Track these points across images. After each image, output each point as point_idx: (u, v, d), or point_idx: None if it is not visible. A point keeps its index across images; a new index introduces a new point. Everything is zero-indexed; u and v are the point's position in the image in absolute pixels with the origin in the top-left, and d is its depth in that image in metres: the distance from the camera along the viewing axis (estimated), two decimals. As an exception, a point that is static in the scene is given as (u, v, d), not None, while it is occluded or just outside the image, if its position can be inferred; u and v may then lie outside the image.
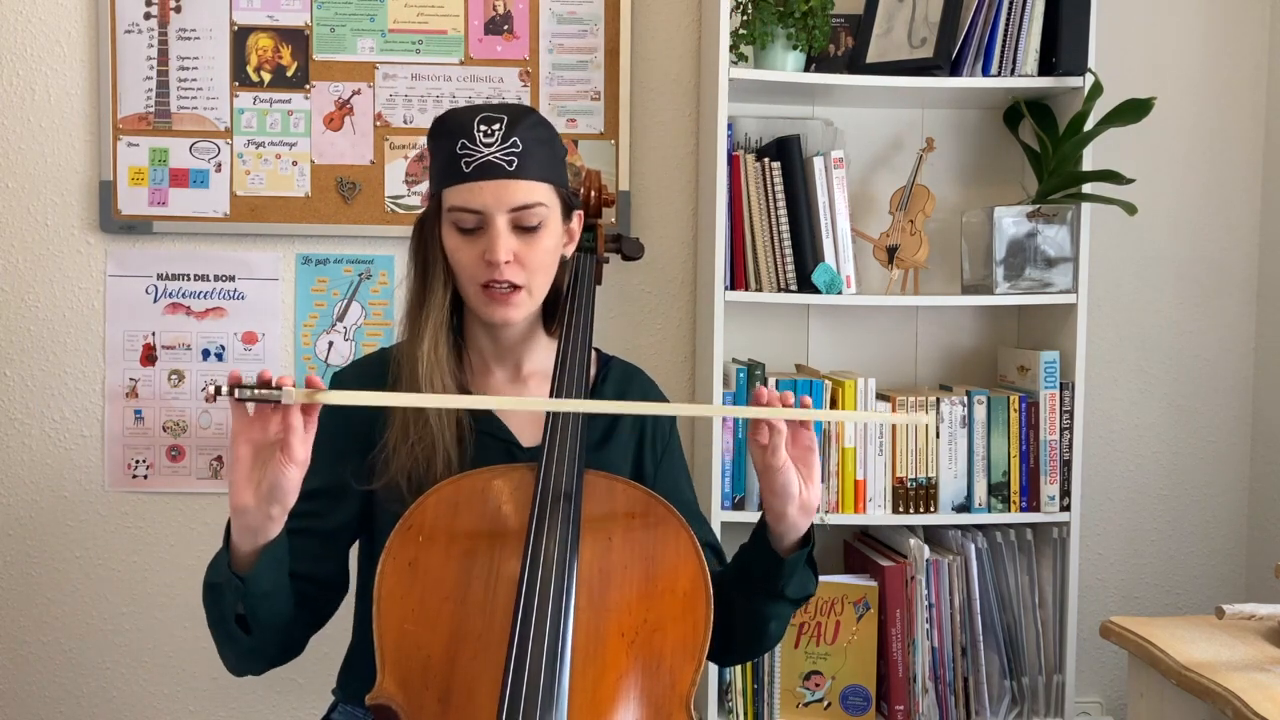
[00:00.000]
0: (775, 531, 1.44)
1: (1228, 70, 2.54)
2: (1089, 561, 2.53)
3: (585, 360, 1.52)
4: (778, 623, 1.52)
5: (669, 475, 1.61)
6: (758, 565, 1.46)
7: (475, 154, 1.43)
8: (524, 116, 1.46)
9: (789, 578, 1.45)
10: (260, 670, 1.45)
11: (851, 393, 2.23)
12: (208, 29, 2.38)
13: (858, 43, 2.34)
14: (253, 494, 1.28)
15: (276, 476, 1.26)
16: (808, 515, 1.42)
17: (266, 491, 1.27)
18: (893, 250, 2.33)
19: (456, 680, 1.27)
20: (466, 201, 1.44)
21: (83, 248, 2.41)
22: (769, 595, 1.46)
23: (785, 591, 1.46)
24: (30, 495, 2.43)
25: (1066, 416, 2.28)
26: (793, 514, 1.40)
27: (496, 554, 1.34)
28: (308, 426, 1.27)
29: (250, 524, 1.30)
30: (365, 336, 2.44)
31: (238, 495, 1.28)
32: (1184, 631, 1.75)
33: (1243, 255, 2.56)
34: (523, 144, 1.44)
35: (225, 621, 1.36)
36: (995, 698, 2.28)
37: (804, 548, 1.46)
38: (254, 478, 1.28)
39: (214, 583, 1.35)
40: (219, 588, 1.34)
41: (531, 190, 1.45)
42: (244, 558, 1.33)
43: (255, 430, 1.27)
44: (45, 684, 2.45)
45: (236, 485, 1.28)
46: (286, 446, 1.25)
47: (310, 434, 1.28)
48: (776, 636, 1.54)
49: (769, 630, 1.51)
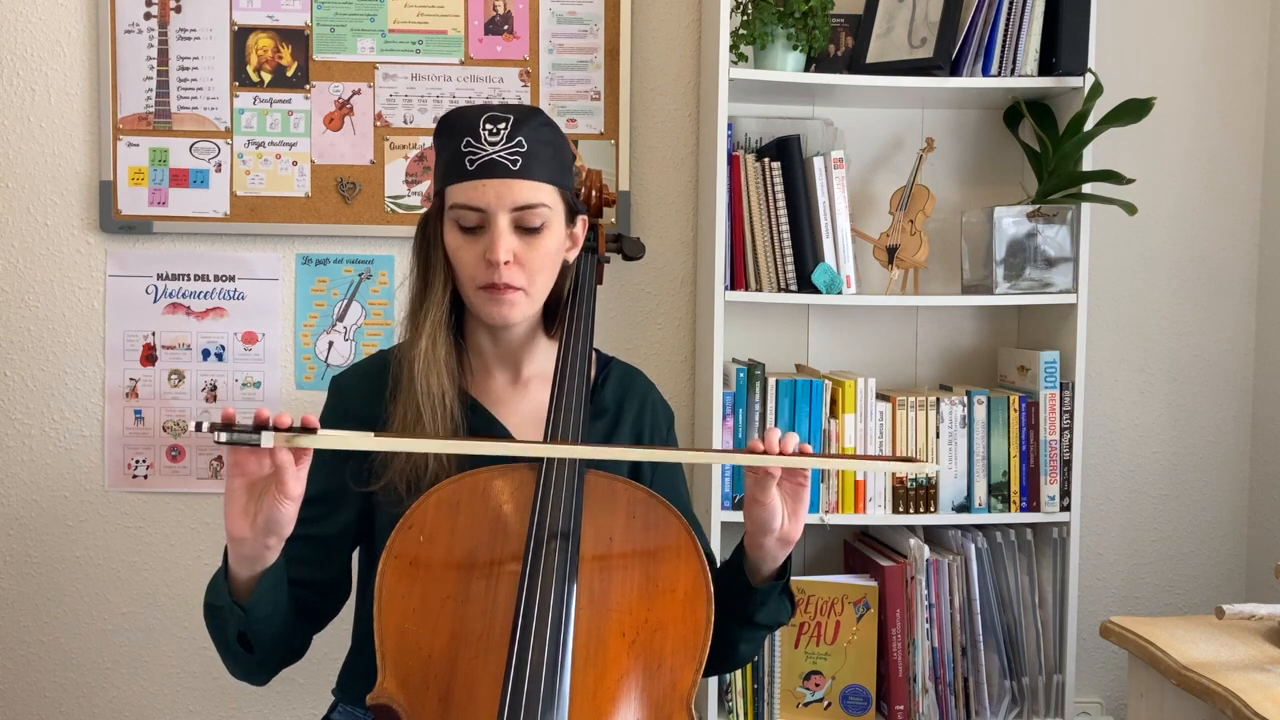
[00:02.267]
0: (752, 558, 1.44)
1: (1228, 70, 2.54)
2: (1089, 561, 2.53)
3: (587, 364, 1.51)
4: (747, 645, 1.52)
5: (666, 477, 1.61)
6: (731, 589, 1.46)
7: (479, 152, 1.42)
8: (531, 117, 1.45)
9: (760, 606, 1.46)
10: (265, 679, 1.47)
11: (851, 393, 2.23)
12: (208, 29, 2.38)
13: (858, 43, 2.35)
14: (249, 526, 1.28)
15: (271, 510, 1.26)
16: (786, 547, 1.42)
17: (263, 525, 1.27)
18: (893, 250, 2.33)
19: (457, 680, 1.27)
20: (469, 199, 1.43)
21: (83, 248, 2.41)
22: (739, 620, 1.46)
23: (756, 618, 1.47)
24: (30, 495, 2.43)
25: (1066, 416, 2.28)
26: (770, 545, 1.41)
27: (497, 554, 1.34)
28: (300, 462, 1.26)
29: (247, 554, 1.31)
30: (365, 336, 2.44)
31: (234, 527, 1.28)
32: (1184, 631, 1.75)
33: (1243, 255, 2.57)
34: (528, 144, 1.43)
35: (228, 642, 1.37)
36: (995, 698, 2.29)
37: (780, 578, 1.46)
38: (250, 510, 1.27)
39: (215, 605, 1.36)
40: (220, 611, 1.35)
41: (535, 191, 1.44)
42: (243, 583, 1.34)
43: (249, 465, 1.26)
44: (45, 684, 2.45)
45: (233, 518, 1.27)
46: (281, 484, 1.25)
47: (303, 469, 1.27)
48: (746, 657, 1.55)
49: (738, 651, 1.51)
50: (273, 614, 1.37)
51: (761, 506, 1.37)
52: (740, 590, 1.45)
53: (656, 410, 1.65)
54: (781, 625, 1.53)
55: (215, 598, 1.36)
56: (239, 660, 1.40)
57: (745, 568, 1.46)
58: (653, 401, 1.65)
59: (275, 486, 1.25)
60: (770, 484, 1.36)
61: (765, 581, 1.46)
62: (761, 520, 1.38)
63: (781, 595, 1.48)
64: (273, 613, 1.36)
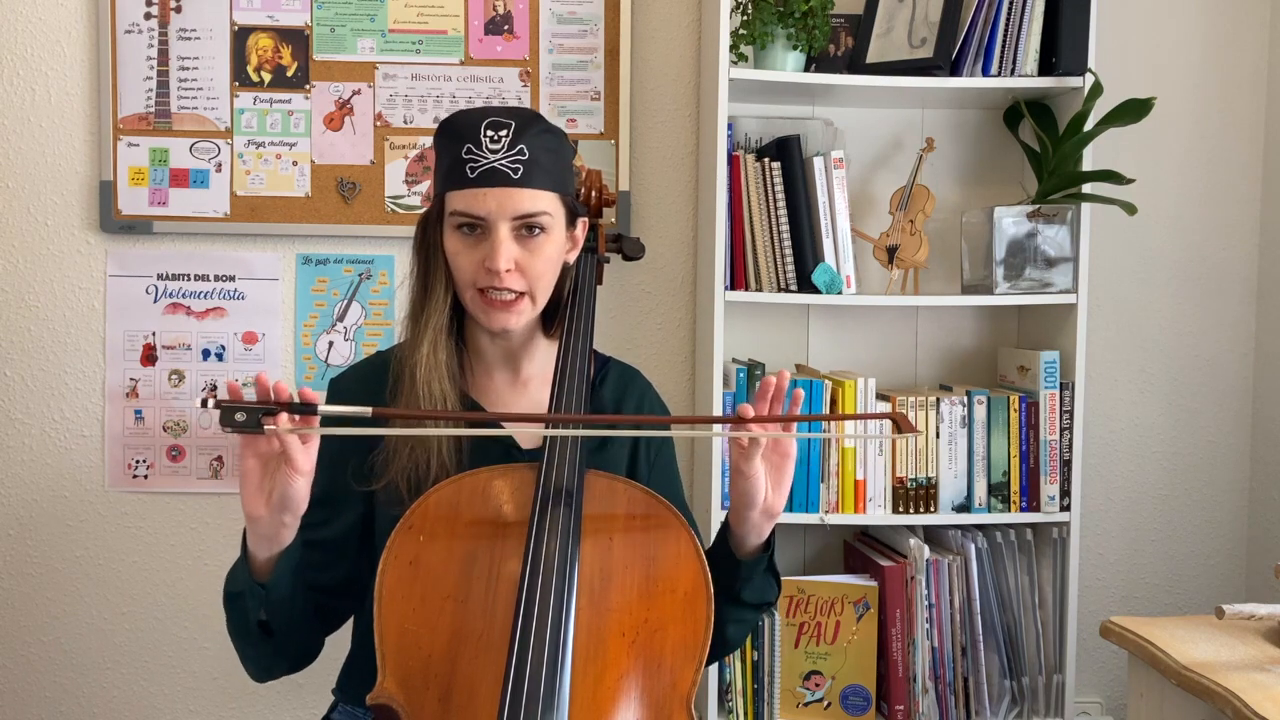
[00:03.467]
0: (736, 533, 1.45)
1: (1228, 70, 2.54)
2: (1089, 561, 2.53)
3: (586, 364, 1.52)
4: (736, 626, 1.52)
5: (662, 473, 1.62)
6: (717, 566, 1.45)
7: (481, 159, 1.42)
8: (532, 123, 1.45)
9: (746, 582, 1.46)
10: (282, 672, 1.48)
11: (851, 393, 2.23)
12: (208, 29, 2.38)
13: (858, 43, 2.35)
14: (264, 504, 1.31)
15: (285, 486, 1.29)
16: (770, 519, 1.43)
17: (277, 501, 1.30)
18: (893, 250, 2.33)
19: (457, 680, 1.27)
20: (470, 207, 1.43)
21: (83, 248, 2.41)
22: (726, 598, 1.46)
23: (742, 595, 1.47)
24: (30, 495, 2.43)
25: (1066, 416, 2.28)
26: (754, 518, 1.42)
27: (497, 553, 1.34)
28: (307, 441, 1.29)
29: (264, 532, 1.34)
30: (365, 336, 2.44)
31: (250, 505, 1.32)
32: (1184, 631, 1.75)
33: (1243, 255, 2.56)
34: (529, 151, 1.43)
35: (248, 628, 1.39)
36: (995, 698, 2.29)
37: (765, 553, 1.47)
38: (264, 488, 1.31)
39: (236, 592, 1.39)
40: (241, 595, 1.38)
41: (535, 199, 1.44)
42: (261, 565, 1.37)
43: (260, 443, 1.29)
44: (45, 684, 2.44)
45: (248, 496, 1.31)
46: (290, 460, 1.28)
47: (312, 446, 1.30)
48: (737, 641, 1.56)
49: (728, 634, 1.51)
50: (292, 595, 1.39)
51: (745, 478, 1.38)
52: (726, 565, 1.46)
53: (654, 409, 1.66)
54: (768, 605, 1.54)
55: (235, 584, 1.39)
56: (259, 648, 1.42)
57: (730, 543, 1.47)
58: (650, 400, 1.66)
59: (285, 463, 1.28)
60: (755, 453, 1.37)
61: (750, 555, 1.46)
62: (745, 492, 1.40)
63: (767, 574, 1.49)
64: (292, 595, 1.39)
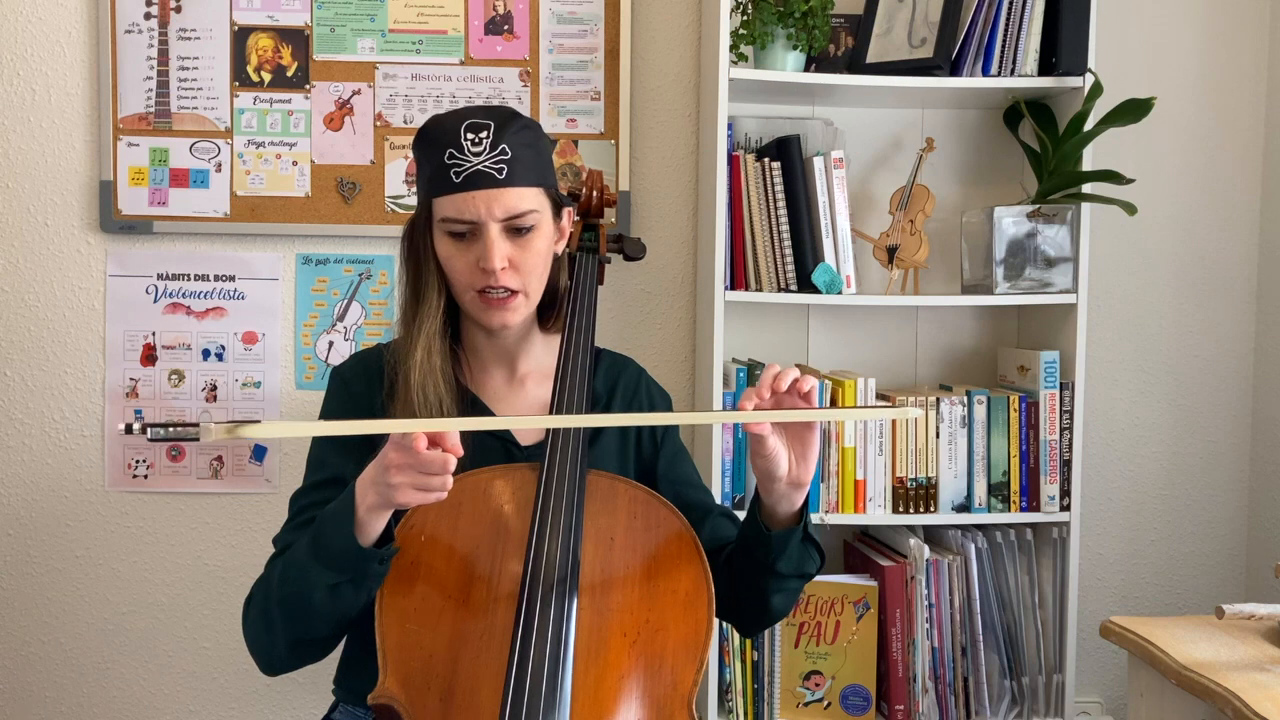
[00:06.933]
0: (766, 503, 1.43)
1: (1228, 70, 2.54)
2: (1089, 561, 2.53)
3: (588, 364, 1.52)
4: (781, 596, 1.49)
5: (671, 452, 1.61)
6: (751, 538, 1.45)
7: (464, 164, 1.43)
8: (510, 121, 1.46)
9: (779, 553, 1.43)
10: (314, 658, 1.43)
11: (851, 393, 2.23)
12: (208, 29, 2.38)
13: (858, 43, 2.35)
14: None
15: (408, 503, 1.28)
16: (799, 489, 1.40)
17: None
18: (893, 250, 2.33)
19: (459, 680, 1.27)
20: (459, 212, 1.44)
21: (83, 248, 2.41)
22: (762, 569, 1.45)
23: (777, 567, 1.44)
24: (30, 495, 2.43)
25: (1066, 416, 2.28)
26: (780, 488, 1.39)
27: (498, 554, 1.34)
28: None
29: (372, 504, 1.30)
30: (365, 336, 2.44)
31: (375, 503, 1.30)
32: (1184, 631, 1.75)
33: (1243, 255, 2.57)
34: (511, 150, 1.44)
35: (354, 601, 1.33)
36: (995, 698, 2.29)
37: (799, 523, 1.44)
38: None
39: (359, 566, 1.31)
40: (366, 564, 1.31)
41: (522, 197, 1.45)
42: (372, 533, 1.32)
43: (432, 493, 1.27)
44: (45, 684, 2.44)
45: (380, 506, 1.29)
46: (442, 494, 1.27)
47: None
48: (783, 608, 1.51)
49: (772, 603, 1.49)
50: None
51: (762, 458, 1.37)
52: (758, 537, 1.44)
53: (653, 396, 1.65)
54: (809, 576, 1.49)
55: (349, 564, 1.32)
56: (324, 619, 1.35)
57: (761, 514, 1.44)
58: (646, 386, 1.65)
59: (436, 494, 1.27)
60: (764, 439, 1.35)
61: (782, 526, 1.44)
62: (765, 469, 1.38)
63: (804, 544, 1.45)
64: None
